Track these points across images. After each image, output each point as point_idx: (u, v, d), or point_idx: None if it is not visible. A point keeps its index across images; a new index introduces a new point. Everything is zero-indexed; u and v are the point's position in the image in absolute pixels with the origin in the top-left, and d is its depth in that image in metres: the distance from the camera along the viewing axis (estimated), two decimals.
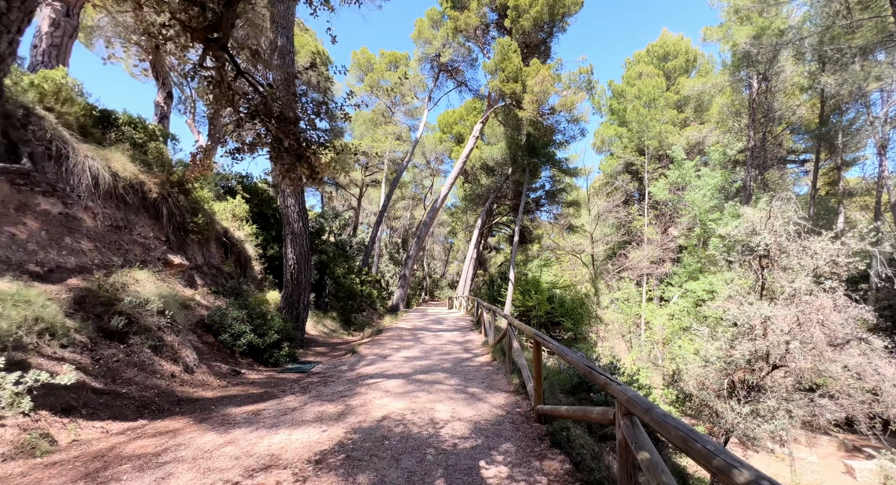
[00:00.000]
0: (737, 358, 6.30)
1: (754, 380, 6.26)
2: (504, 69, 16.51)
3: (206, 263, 8.22)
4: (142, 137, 7.26)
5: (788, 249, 6.63)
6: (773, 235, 6.84)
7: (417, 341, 9.23)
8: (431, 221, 21.41)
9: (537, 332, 3.89)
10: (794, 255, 6.48)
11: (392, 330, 11.01)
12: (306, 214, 8.80)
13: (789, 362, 5.70)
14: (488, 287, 38.26)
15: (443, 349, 8.18)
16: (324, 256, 15.70)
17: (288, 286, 8.60)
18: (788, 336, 5.60)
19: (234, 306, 6.52)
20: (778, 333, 5.80)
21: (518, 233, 26.85)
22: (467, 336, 10.05)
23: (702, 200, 16.62)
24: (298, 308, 8.68)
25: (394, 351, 8.02)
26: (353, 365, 6.83)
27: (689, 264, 17.51)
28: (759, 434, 5.74)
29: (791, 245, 6.60)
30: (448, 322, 13.54)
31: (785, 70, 19.26)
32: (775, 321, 5.76)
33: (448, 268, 62.79)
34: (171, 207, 7.03)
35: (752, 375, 6.27)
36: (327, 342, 10.24)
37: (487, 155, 29.59)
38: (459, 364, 6.68)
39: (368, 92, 28.84)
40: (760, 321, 6.08)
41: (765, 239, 6.93)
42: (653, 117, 23.98)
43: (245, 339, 6.20)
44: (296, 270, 8.55)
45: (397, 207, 48.04)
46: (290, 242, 8.48)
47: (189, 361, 5.19)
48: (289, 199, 8.37)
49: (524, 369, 4.61)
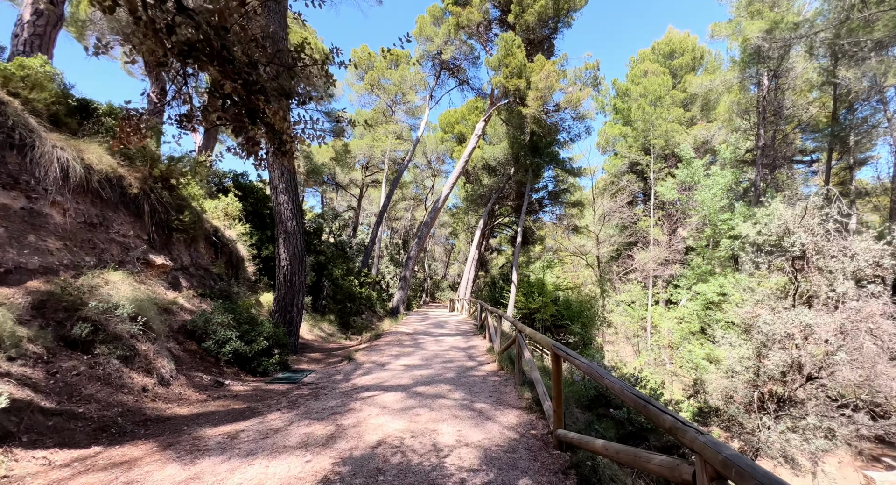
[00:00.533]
0: (770, 369, 5.77)
1: (786, 392, 5.73)
2: (507, 65, 16.03)
3: (194, 264, 7.72)
4: None
5: (826, 249, 6.09)
6: (809, 234, 6.30)
7: (418, 347, 8.72)
8: (433, 221, 20.91)
9: (558, 344, 3.37)
10: (832, 256, 5.93)
11: (391, 335, 10.50)
12: (301, 212, 8.29)
13: (829, 374, 5.18)
14: (490, 289, 37.72)
15: (445, 356, 7.66)
16: (321, 256, 15.20)
17: (280, 289, 8.10)
18: (831, 346, 5.08)
19: (219, 311, 6.01)
20: (819, 342, 5.28)
21: (521, 234, 26.34)
22: (471, 341, 9.53)
23: (712, 199, 16.09)
24: (292, 312, 8.17)
25: (393, 358, 7.50)
26: (349, 374, 6.32)
27: (698, 266, 16.97)
28: (797, 454, 5.23)
29: (832, 245, 6.05)
30: (450, 326, 13.02)
31: (796, 66, 18.75)
32: (817, 330, 5.24)
33: (449, 269, 62.26)
34: (154, 203, 6.54)
35: (784, 387, 5.75)
36: (323, 348, 9.72)
37: (489, 155, 29.11)
38: (464, 374, 6.16)
39: (369, 90, 28.41)
40: (800, 329, 5.56)
41: (800, 238, 6.39)
42: (659, 116, 23.47)
43: (230, 346, 5.69)
44: (289, 271, 8.04)
45: (398, 208, 47.59)
46: (283, 241, 7.97)
47: (165, 373, 4.67)
48: (281, 195, 7.87)
49: (538, 383, 4.09)
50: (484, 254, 41.36)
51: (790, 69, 19.26)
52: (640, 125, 24.77)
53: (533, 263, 37.03)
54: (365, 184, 38.00)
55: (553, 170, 29.94)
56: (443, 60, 24.06)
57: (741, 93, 21.69)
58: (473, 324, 13.33)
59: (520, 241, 25.92)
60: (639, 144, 25.32)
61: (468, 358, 7.51)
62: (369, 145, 29.04)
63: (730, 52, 22.55)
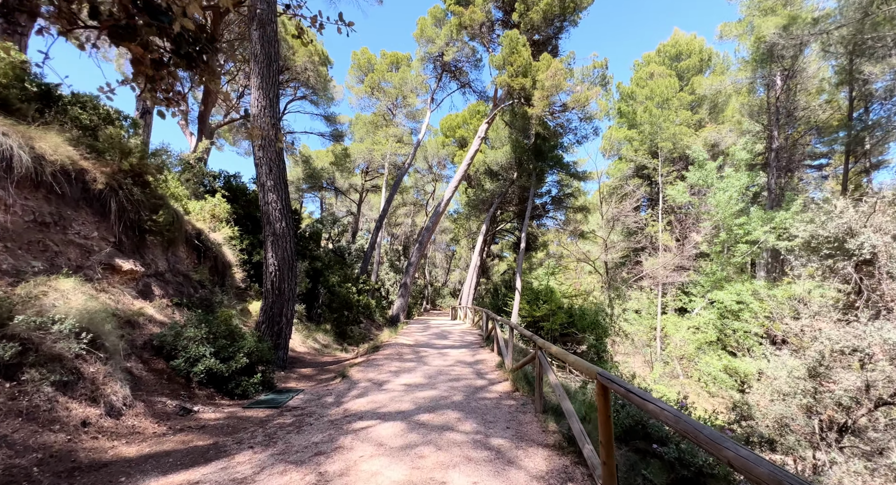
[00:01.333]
0: (839, 394, 4.97)
1: (851, 420, 4.93)
2: (513, 63, 15.43)
3: (171, 270, 6.95)
4: (91, 119, 6.07)
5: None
6: (881, 234, 5.53)
7: (420, 362, 7.90)
8: (434, 225, 20.18)
9: (605, 372, 2.59)
10: None
11: (391, 346, 9.68)
12: (290, 212, 7.55)
13: None
14: (492, 296, 36.85)
15: (451, 373, 6.84)
16: (318, 262, 14.43)
17: (268, 297, 7.32)
18: None
19: (192, 323, 5.23)
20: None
21: (524, 239, 25.59)
22: (477, 354, 8.71)
23: (727, 203, 15.35)
24: (280, 322, 7.38)
25: (392, 376, 6.68)
26: (341, 396, 5.51)
27: (712, 272, 16.17)
28: None
29: None
30: (454, 336, 12.19)
31: (809, 66, 18.18)
32: None
33: (450, 276, 61.43)
34: (123, 201, 5.79)
35: (848, 414, 4.95)
36: (316, 361, 8.90)
37: (492, 159, 28.52)
38: (474, 396, 5.35)
39: (369, 93, 27.90)
40: (881, 347, 4.78)
41: (869, 239, 5.59)
42: (666, 118, 22.87)
43: (202, 364, 4.90)
44: (277, 277, 7.27)
45: (398, 214, 46.93)
46: (271, 244, 7.21)
47: (116, 400, 3.88)
48: (269, 194, 7.13)
49: (572, 418, 3.29)
50: (485, 260, 40.59)
51: (803, 69, 18.70)
52: (646, 128, 24.16)
53: (535, 270, 36.22)
54: (365, 189, 37.36)
55: (557, 174, 29.32)
56: (444, 62, 23.55)
57: (752, 94, 21.12)
58: (479, 334, 12.50)
59: (523, 246, 25.16)
60: (645, 148, 24.70)
61: (477, 375, 6.70)
62: (369, 149, 28.47)
63: (737, 55, 22.05)
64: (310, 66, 24.35)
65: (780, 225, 14.21)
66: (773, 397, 6.06)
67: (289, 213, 7.46)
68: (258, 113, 6.96)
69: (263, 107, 6.95)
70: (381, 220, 22.44)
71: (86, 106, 6.13)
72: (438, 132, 37.82)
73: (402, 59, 27.61)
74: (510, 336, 6.76)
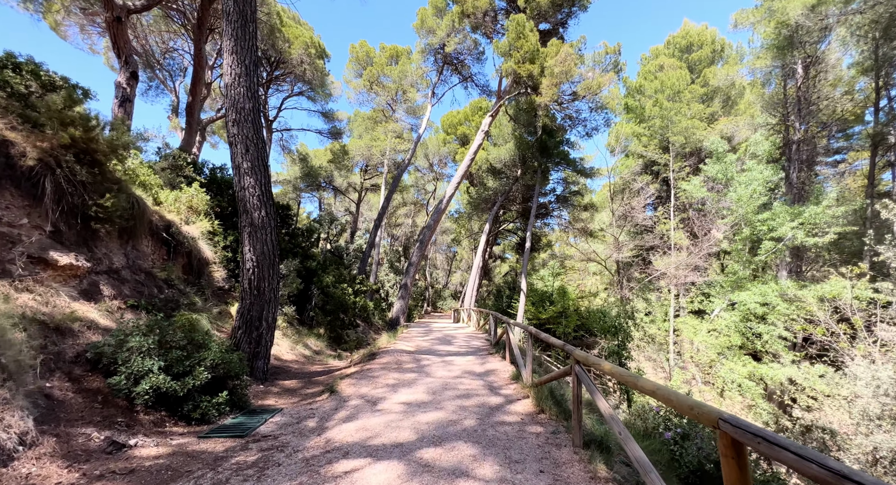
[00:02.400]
0: None
1: None
2: (519, 48, 14.46)
3: (130, 266, 5.93)
4: (26, 85, 5.06)
5: None
6: None
7: (422, 372, 6.86)
8: (435, 223, 19.17)
9: (736, 419, 1.56)
10: None
11: (389, 353, 8.63)
12: (272, 200, 6.52)
13: None
14: (495, 298, 35.79)
15: (458, 387, 5.80)
16: (311, 262, 13.42)
17: (245, 298, 6.29)
18: None
19: (139, 330, 4.20)
20: None
21: (530, 239, 24.57)
22: (487, 363, 7.67)
23: (750, 198, 14.32)
24: (260, 327, 6.34)
25: (389, 390, 5.64)
26: (326, 419, 4.47)
27: (734, 272, 15.11)
28: None
29: None
30: (458, 341, 11.14)
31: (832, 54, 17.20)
32: None
33: (451, 278, 60.43)
34: (62, 181, 4.78)
35: None
36: (304, 371, 7.85)
37: (495, 156, 27.59)
38: (489, 419, 4.31)
39: (367, 88, 26.94)
40: None
41: None
42: (678, 111, 21.87)
43: (148, 382, 3.87)
44: (256, 275, 6.24)
45: (398, 214, 45.99)
46: (249, 236, 6.18)
47: (8, 438, 2.84)
48: (246, 178, 6.10)
49: (648, 474, 2.24)
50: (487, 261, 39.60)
51: (824, 58, 17.72)
52: (657, 122, 23.17)
53: (538, 271, 35.19)
54: (364, 188, 36.40)
55: (563, 171, 28.35)
56: (446, 54, 22.60)
57: (768, 85, 20.14)
58: (485, 339, 11.45)
59: (528, 246, 24.12)
60: (655, 143, 23.70)
61: (489, 390, 5.65)
62: (368, 146, 27.51)
63: (752, 45, 21.13)
64: (306, 59, 23.41)
65: (809, 220, 13.17)
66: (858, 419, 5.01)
67: (270, 200, 6.43)
68: (232, 82, 5.95)
69: (238, 74, 5.94)
70: (379, 218, 21.44)
71: (21, 69, 5.13)
72: (439, 130, 36.92)
73: (402, 53, 26.68)
74: (528, 344, 5.72)
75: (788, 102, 19.14)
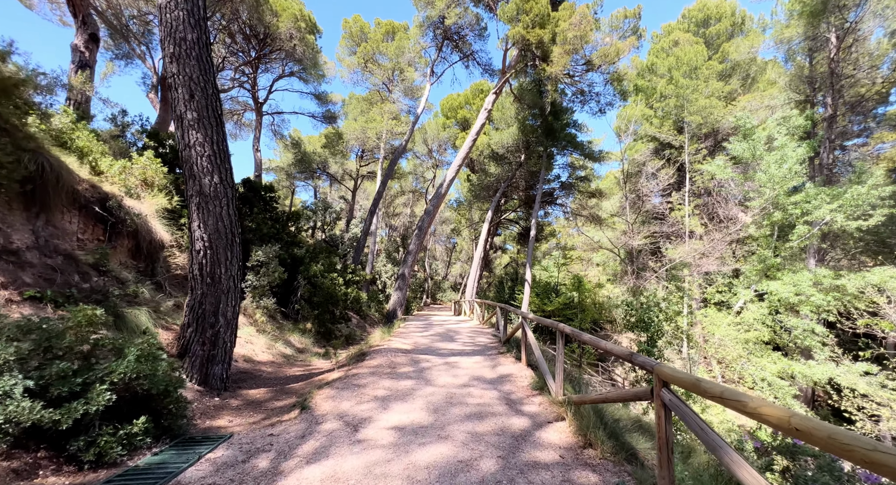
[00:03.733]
0: None
1: None
2: (528, 11, 12.93)
3: (39, 246, 4.56)
4: None
5: None
6: None
7: (420, 379, 5.56)
8: (435, 209, 17.78)
9: None
10: None
11: (382, 353, 7.33)
12: (228, 163, 5.11)
13: None
14: (497, 289, 34.58)
15: (467, 401, 4.50)
16: (298, 249, 12.07)
17: (195, 287, 4.95)
18: None
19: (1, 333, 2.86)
20: None
21: (535, 227, 23.25)
22: (498, 365, 6.37)
23: (783, 178, 12.95)
24: (216, 325, 5.02)
25: (377, 406, 4.34)
26: (285, 455, 3.17)
27: (762, 259, 13.81)
28: None
29: None
30: (462, 337, 9.85)
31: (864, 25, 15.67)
32: None
33: (451, 269, 59.27)
34: None
35: None
36: (278, 375, 6.54)
37: (497, 141, 26.09)
38: (515, 458, 3.01)
39: (361, 66, 25.27)
40: None
41: None
42: (695, 89, 20.35)
43: (2, 411, 2.54)
44: (208, 259, 4.89)
45: (396, 203, 44.56)
46: (198, 208, 4.81)
47: None
48: (192, 132, 4.68)
49: None
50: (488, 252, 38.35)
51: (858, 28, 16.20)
52: (671, 102, 21.67)
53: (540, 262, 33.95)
54: (360, 175, 34.87)
55: (569, 156, 26.90)
56: (445, 28, 20.96)
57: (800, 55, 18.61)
58: (492, 335, 10.17)
59: (534, 234, 22.82)
60: (670, 123, 22.23)
61: (508, 406, 4.35)
62: (363, 128, 25.93)
63: (774, 17, 19.55)
64: (295, 34, 21.74)
65: (851, 202, 11.83)
66: None
67: (225, 163, 5.03)
68: (167, 3, 4.51)
69: None
70: (375, 203, 20.04)
71: None
72: (439, 114, 35.26)
73: (399, 28, 24.97)
74: (559, 346, 4.39)
75: (817, 77, 17.67)
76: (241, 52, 24.25)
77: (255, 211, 11.07)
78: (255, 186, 11.97)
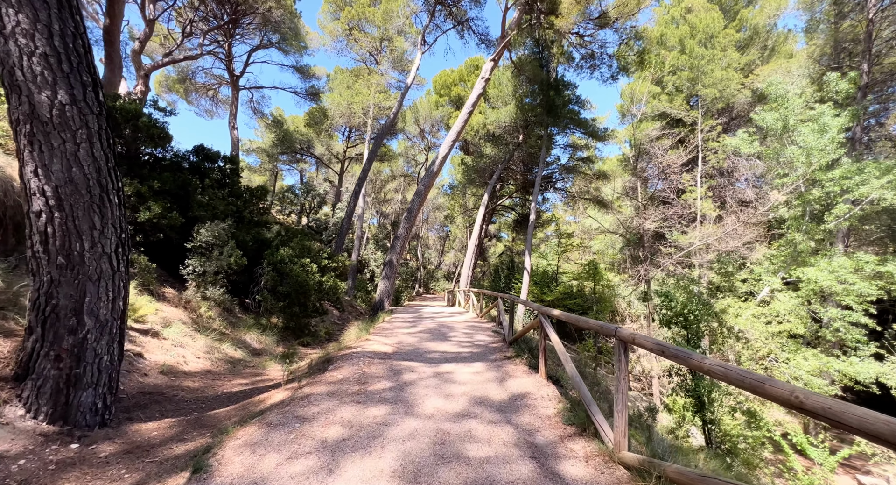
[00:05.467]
0: None
1: None
2: None
3: None
4: None
5: None
6: None
7: (398, 405, 3.84)
8: (426, 189, 15.94)
9: None
10: None
11: (352, 359, 5.59)
12: (90, 70, 3.21)
13: None
14: (492, 278, 33.03)
15: (468, 454, 2.80)
16: (265, 231, 10.24)
17: (39, 272, 3.14)
18: None
19: None
20: None
21: (535, 211, 21.55)
22: (508, 377, 4.69)
23: (822, 150, 11.34)
24: (79, 328, 3.22)
25: (320, 467, 2.62)
26: None
27: (790, 243, 12.30)
28: None
29: None
30: (456, 334, 8.16)
31: None
32: None
33: (444, 258, 57.67)
34: None
35: None
36: (203, 395, 4.77)
37: (493, 120, 24.16)
38: None
39: (346, 33, 22.97)
40: None
41: None
42: (711, 59, 18.58)
43: None
44: (57, 225, 3.07)
45: (387, 189, 42.48)
46: (30, 144, 2.96)
47: None
48: (9, 14, 2.81)
49: None
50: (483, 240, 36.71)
51: None
52: (684, 74, 19.91)
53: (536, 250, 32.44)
54: (347, 157, 32.70)
55: (570, 136, 25.09)
56: None
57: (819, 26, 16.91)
58: (493, 331, 8.48)
59: (533, 218, 21.13)
60: (681, 98, 20.49)
61: (534, 461, 2.66)
62: (348, 103, 23.76)
63: None
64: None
65: None
66: None
67: (82, 72, 3.14)
68: None
69: None
70: (361, 182, 18.12)
71: None
72: (431, 92, 33.04)
73: None
74: (619, 363, 2.68)
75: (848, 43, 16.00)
76: (213, 18, 21.82)
77: (207, 183, 9.15)
78: (209, 154, 10.01)
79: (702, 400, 6.01)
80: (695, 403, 6.10)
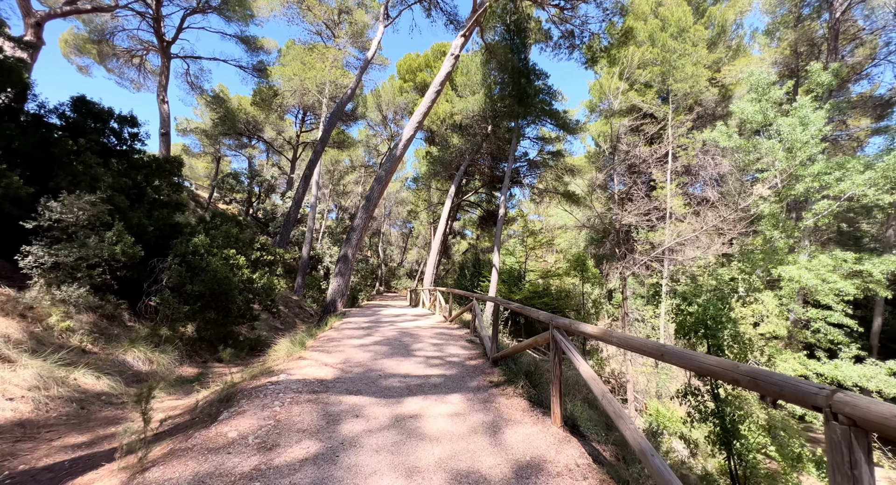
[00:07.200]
0: None
1: None
2: None
3: None
4: None
5: None
6: None
7: None
8: (388, 175, 14.05)
9: None
10: None
11: (266, 396, 3.74)
12: None
13: None
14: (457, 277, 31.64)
15: None
16: (171, 213, 7.96)
17: None
18: None
19: None
20: None
21: (504, 205, 20.34)
22: (503, 426, 3.09)
23: (804, 145, 10.90)
24: None
25: None
26: None
27: (773, 239, 11.87)
28: None
29: None
30: (423, 346, 6.44)
31: None
32: None
33: (407, 255, 55.57)
34: None
35: None
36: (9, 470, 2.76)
37: (461, 109, 22.67)
38: None
39: (297, 1, 20.40)
40: None
41: None
42: (683, 53, 18.25)
43: None
44: None
45: (347, 181, 39.77)
46: None
47: None
48: None
49: None
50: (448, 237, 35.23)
51: None
52: (656, 69, 19.54)
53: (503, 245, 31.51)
54: (301, 142, 29.79)
55: (540, 128, 24.18)
56: None
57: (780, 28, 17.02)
58: (467, 340, 6.86)
59: (503, 213, 19.90)
60: (653, 92, 20.13)
61: None
62: (301, 77, 21.16)
63: None
64: None
65: (887, 173, 9.96)
66: None
67: None
68: None
69: None
70: (313, 164, 15.84)
71: None
72: (395, 77, 30.89)
73: None
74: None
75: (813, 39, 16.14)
76: None
77: (83, 144, 6.73)
78: (95, 111, 7.52)
79: (727, 428, 4.84)
80: (719, 431, 4.92)
